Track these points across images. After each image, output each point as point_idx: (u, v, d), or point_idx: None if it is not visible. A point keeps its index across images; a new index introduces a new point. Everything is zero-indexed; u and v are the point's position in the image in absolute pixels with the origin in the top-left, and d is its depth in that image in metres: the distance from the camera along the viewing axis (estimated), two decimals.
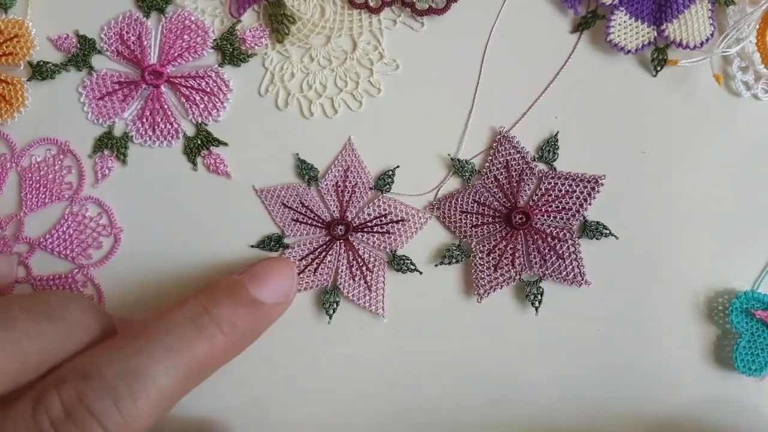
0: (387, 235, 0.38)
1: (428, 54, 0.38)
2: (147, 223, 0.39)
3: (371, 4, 0.38)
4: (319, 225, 0.38)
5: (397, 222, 0.38)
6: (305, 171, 0.38)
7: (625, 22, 0.37)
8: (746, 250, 0.38)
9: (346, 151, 0.38)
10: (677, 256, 0.38)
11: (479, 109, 0.38)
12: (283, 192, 0.38)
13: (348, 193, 0.38)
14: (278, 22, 0.38)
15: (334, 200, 0.38)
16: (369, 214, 0.38)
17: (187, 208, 0.39)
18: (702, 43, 0.37)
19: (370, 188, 0.38)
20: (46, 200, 0.39)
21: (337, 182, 0.38)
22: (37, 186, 0.39)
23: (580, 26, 0.38)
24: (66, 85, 0.39)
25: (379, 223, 0.38)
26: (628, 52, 0.37)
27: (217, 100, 0.39)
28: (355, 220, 0.38)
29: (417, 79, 0.38)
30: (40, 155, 0.39)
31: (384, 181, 0.38)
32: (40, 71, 0.39)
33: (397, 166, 0.38)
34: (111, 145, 0.39)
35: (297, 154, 0.38)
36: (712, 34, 0.37)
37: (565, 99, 0.38)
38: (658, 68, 0.38)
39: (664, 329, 0.38)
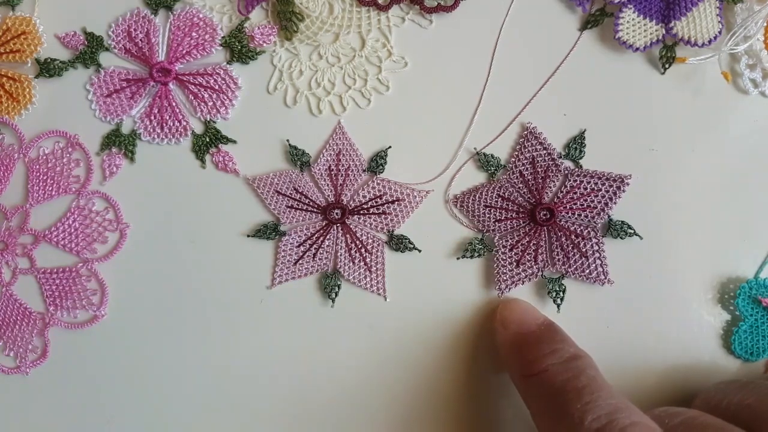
0: (384, 215, 0.38)
1: (437, 51, 0.38)
2: (154, 220, 0.38)
3: (380, 1, 0.38)
4: (315, 210, 0.38)
5: (392, 202, 0.38)
6: (297, 157, 0.38)
7: (633, 19, 0.38)
8: (753, 247, 0.38)
9: (336, 135, 0.38)
10: (685, 251, 0.38)
11: (488, 106, 0.38)
12: (276, 179, 0.38)
13: (341, 176, 0.38)
14: (287, 20, 0.38)
15: (328, 184, 0.38)
16: (364, 196, 0.38)
17: (196, 206, 0.38)
18: (710, 41, 0.37)
19: (364, 170, 0.38)
20: (53, 193, 0.38)
21: (329, 166, 0.38)
22: (45, 178, 0.38)
23: (588, 24, 0.38)
24: (73, 83, 0.39)
25: (374, 204, 0.38)
26: (637, 49, 0.37)
27: (225, 97, 0.39)
28: (351, 203, 0.38)
29: (425, 77, 0.38)
30: (49, 147, 0.39)
31: (377, 163, 0.38)
32: (48, 68, 0.39)
33: (389, 147, 0.38)
34: (119, 142, 0.39)
35: (288, 140, 0.38)
36: (720, 32, 0.37)
37: (574, 96, 0.38)
38: (667, 66, 0.38)
39: (672, 322, 0.38)
